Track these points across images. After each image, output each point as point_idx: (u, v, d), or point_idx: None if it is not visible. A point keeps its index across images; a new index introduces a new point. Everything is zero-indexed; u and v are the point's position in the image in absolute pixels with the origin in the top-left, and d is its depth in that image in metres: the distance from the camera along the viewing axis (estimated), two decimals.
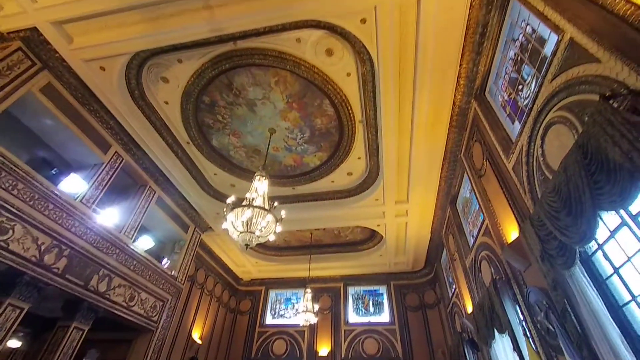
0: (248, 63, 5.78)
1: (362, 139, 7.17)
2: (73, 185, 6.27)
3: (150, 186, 7.77)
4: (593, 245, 2.98)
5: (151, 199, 7.77)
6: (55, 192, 5.44)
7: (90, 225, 5.97)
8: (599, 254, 2.96)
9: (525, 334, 4.24)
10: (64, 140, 6.33)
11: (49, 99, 5.65)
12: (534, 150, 3.76)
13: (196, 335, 9.56)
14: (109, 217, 6.84)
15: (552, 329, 3.56)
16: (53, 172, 6.47)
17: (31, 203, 5.00)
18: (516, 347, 4.38)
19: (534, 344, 4.10)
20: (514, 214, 4.44)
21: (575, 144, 2.61)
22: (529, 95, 4.04)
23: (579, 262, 2.86)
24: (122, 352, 7.18)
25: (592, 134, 2.33)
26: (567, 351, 3.05)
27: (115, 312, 6.36)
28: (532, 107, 3.74)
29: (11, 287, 4.70)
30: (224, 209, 4.87)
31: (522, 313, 4.48)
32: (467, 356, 7.27)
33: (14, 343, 7.76)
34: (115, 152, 6.81)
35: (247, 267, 12.29)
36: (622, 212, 2.62)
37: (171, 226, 8.76)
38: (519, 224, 4.28)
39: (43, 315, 7.56)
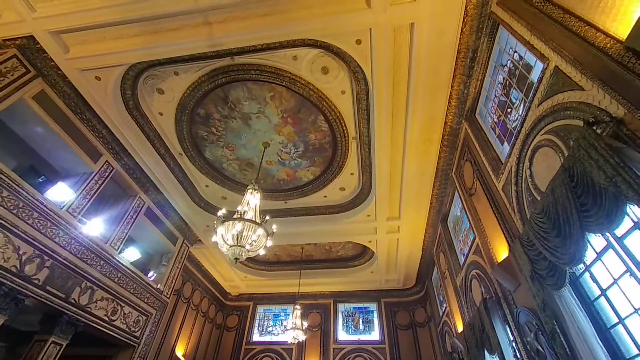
0: (244, 78, 5.86)
1: (355, 155, 7.25)
2: (60, 193, 6.13)
3: (139, 196, 7.65)
4: (580, 267, 3.03)
5: (140, 210, 7.63)
6: (41, 200, 5.31)
7: (75, 235, 5.81)
8: (587, 275, 3.00)
9: (515, 355, 4.22)
10: (53, 148, 6.24)
11: (41, 106, 5.60)
12: (522, 172, 3.86)
13: (180, 352, 9.22)
14: (96, 227, 6.67)
15: (542, 350, 3.56)
16: (40, 180, 6.34)
17: (15, 211, 4.86)
18: None
19: None
20: (504, 233, 4.50)
21: (562, 166, 2.70)
22: (517, 118, 4.18)
23: (568, 283, 2.89)
24: None
25: (578, 158, 2.42)
26: None
27: (96, 326, 6.11)
28: (520, 130, 3.87)
29: None
30: (215, 222, 4.82)
31: (512, 333, 4.47)
32: None
33: None
34: (106, 161, 6.72)
35: (236, 282, 12.03)
36: (607, 234, 2.68)
37: (159, 238, 8.58)
38: (508, 244, 4.33)
39: (19, 329, 7.24)
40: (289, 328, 8.65)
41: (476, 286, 6.00)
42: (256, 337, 11.76)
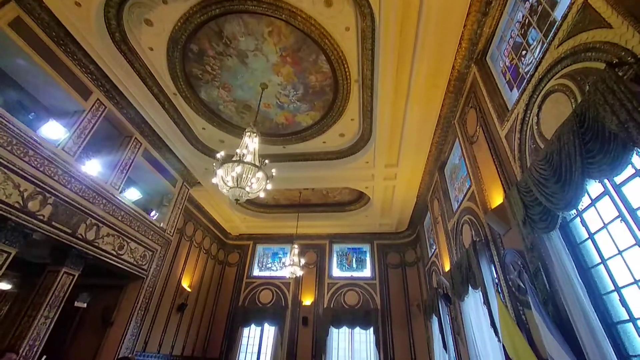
0: (240, 9, 5.36)
1: (356, 99, 7.01)
2: (53, 131, 5.98)
3: (135, 137, 7.51)
4: (572, 212, 3.14)
5: (137, 151, 7.55)
6: (34, 137, 5.19)
7: (74, 174, 5.81)
8: (577, 220, 3.13)
9: (497, 290, 4.60)
10: (40, 84, 5.90)
11: (20, 35, 5.15)
12: (529, 119, 3.78)
13: (185, 284, 9.93)
14: (94, 167, 6.66)
15: (523, 287, 3.87)
16: (30, 116, 6.11)
17: (9, 148, 4.77)
18: (486, 301, 4.77)
19: (504, 298, 4.46)
20: (501, 181, 4.57)
21: (573, 112, 2.63)
22: (532, 62, 3.96)
23: (558, 227, 3.02)
24: (114, 297, 7.43)
25: (592, 102, 2.34)
26: (534, 306, 3.34)
27: (105, 259, 6.47)
28: (533, 74, 3.69)
29: None
30: (214, 164, 4.81)
31: (496, 272, 4.82)
32: (440, 309, 7.90)
33: (3, 285, 7.89)
34: (97, 99, 6.44)
35: (236, 223, 12.51)
36: (605, 181, 2.73)
37: (159, 180, 8.65)
38: (504, 191, 4.42)
39: (31, 261, 7.64)
40: (287, 265, 9.24)
41: (467, 230, 6.29)
42: (256, 272, 12.62)
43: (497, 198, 4.81)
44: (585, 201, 2.93)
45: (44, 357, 5.35)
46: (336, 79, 6.56)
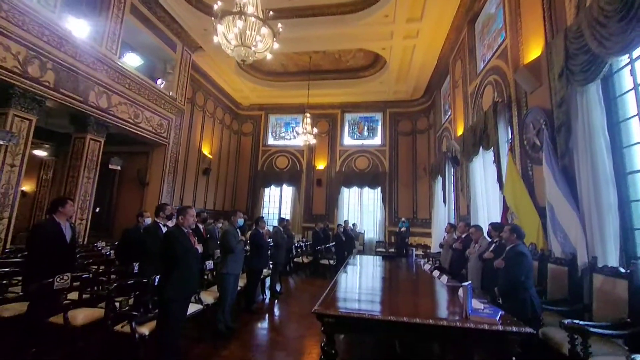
0: None
1: None
2: None
3: None
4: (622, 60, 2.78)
5: (123, 7, 6.60)
6: None
7: (62, 35, 5.29)
8: (627, 69, 2.80)
9: (510, 149, 4.69)
10: None
11: None
12: None
13: (206, 151, 10.54)
14: (81, 27, 5.98)
15: (538, 144, 3.89)
16: None
17: None
18: (497, 160, 4.94)
19: (514, 157, 4.59)
20: (544, 29, 3.96)
21: None
22: None
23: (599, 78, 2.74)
24: (144, 162, 8.06)
25: None
26: (546, 161, 3.42)
27: (124, 127, 6.67)
28: None
29: (7, 99, 4.64)
30: (213, 19, 4.22)
31: (512, 132, 4.79)
32: (446, 170, 8.40)
33: (40, 152, 8.56)
34: None
35: (245, 93, 12.15)
36: None
37: (158, 45, 7.92)
38: (546, 40, 3.88)
39: (59, 131, 8.00)
40: (300, 133, 9.43)
41: (488, 93, 5.95)
42: (271, 141, 13.11)
43: (532, 52, 4.29)
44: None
45: (97, 208, 6.24)
46: None
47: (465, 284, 2.17)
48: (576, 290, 2.92)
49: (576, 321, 2.25)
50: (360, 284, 3.56)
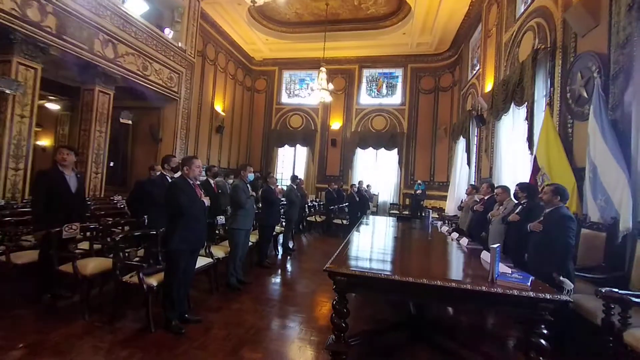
0: None
1: None
2: None
3: None
4: None
5: None
6: None
7: None
8: None
9: (547, 104, 4.19)
10: None
11: None
12: None
13: (219, 108, 10.26)
14: None
15: (585, 96, 3.41)
16: None
17: None
18: (529, 117, 4.47)
19: (551, 112, 4.11)
20: None
21: None
22: None
23: None
24: (155, 117, 7.92)
25: None
26: (595, 113, 2.99)
27: (133, 79, 6.42)
28: None
29: (10, 45, 4.44)
30: None
31: (553, 84, 4.25)
32: (471, 130, 7.86)
33: (52, 106, 8.54)
34: None
35: (258, 45, 11.48)
36: None
37: None
38: None
39: (70, 85, 7.85)
40: (314, 89, 8.92)
41: (528, 40, 5.26)
42: (285, 99, 12.62)
43: None
44: None
45: (111, 163, 6.24)
46: None
47: (494, 245, 1.95)
48: (613, 257, 2.66)
49: (615, 290, 2.02)
50: (374, 244, 3.42)
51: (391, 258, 2.74)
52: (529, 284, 1.84)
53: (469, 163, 7.79)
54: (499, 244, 2.01)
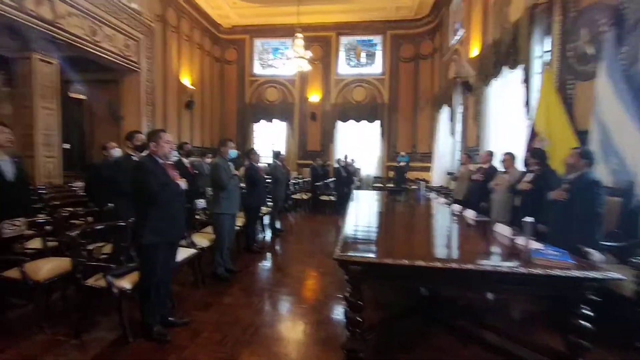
0: None
1: None
2: None
3: None
4: None
5: None
6: None
7: None
8: None
9: (546, 64, 3.97)
10: None
11: None
12: None
13: (186, 81, 9.35)
14: None
15: (592, 53, 3.19)
16: None
17: None
18: (526, 79, 4.25)
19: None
20: None
21: None
22: None
23: None
24: (115, 92, 6.99)
25: None
26: (607, 71, 2.77)
27: (81, 46, 5.49)
28: None
29: None
30: None
31: (552, 43, 4.01)
32: (454, 99, 7.65)
33: None
34: None
35: (225, 10, 10.42)
36: None
37: None
38: None
39: (6, 55, 6.69)
40: (290, 58, 8.27)
41: None
42: (258, 70, 11.76)
43: None
44: None
45: (68, 145, 5.46)
46: None
47: (527, 219, 1.71)
48: (629, 224, 2.55)
49: None
50: (376, 223, 3.13)
51: (403, 239, 2.47)
52: (570, 260, 1.63)
53: (453, 132, 7.65)
54: (532, 218, 1.77)
